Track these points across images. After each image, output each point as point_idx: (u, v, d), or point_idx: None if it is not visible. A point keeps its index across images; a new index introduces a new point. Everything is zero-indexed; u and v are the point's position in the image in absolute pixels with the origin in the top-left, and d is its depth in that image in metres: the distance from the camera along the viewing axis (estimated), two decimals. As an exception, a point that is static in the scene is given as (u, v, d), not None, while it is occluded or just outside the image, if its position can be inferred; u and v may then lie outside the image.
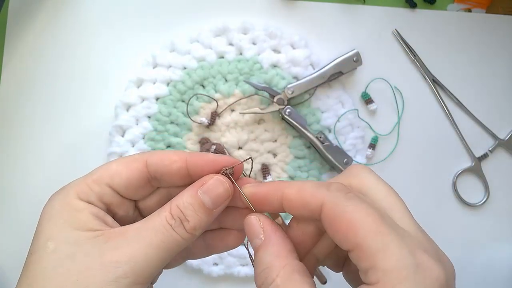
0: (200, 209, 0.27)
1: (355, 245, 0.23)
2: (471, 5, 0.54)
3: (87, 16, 0.53)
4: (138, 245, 0.26)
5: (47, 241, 0.26)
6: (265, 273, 0.25)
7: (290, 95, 0.49)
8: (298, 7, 0.53)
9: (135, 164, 0.28)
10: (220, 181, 0.28)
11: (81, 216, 0.27)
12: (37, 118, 0.52)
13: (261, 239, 0.26)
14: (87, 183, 0.28)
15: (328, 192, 0.25)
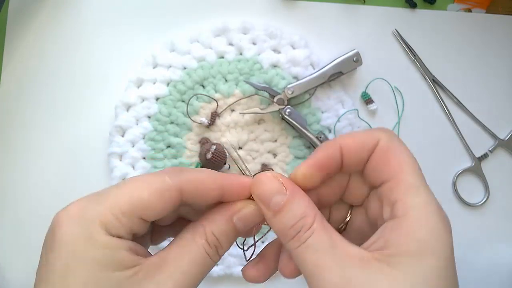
0: (234, 236, 0.28)
1: (395, 176, 0.25)
2: (471, 5, 0.54)
3: (87, 16, 0.53)
4: (181, 279, 0.25)
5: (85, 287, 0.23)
6: (301, 223, 0.25)
7: (290, 95, 0.49)
8: (298, 7, 0.53)
9: (169, 194, 0.26)
10: (256, 210, 0.28)
11: (116, 255, 0.24)
12: (37, 118, 0.52)
13: (286, 194, 0.26)
14: (116, 216, 0.25)
15: (383, 132, 0.27)
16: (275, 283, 0.52)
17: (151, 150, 0.50)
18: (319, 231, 0.24)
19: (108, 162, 0.51)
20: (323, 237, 0.24)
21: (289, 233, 0.25)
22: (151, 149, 0.50)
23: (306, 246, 0.24)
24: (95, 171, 0.52)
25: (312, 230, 0.24)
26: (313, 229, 0.24)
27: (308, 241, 0.24)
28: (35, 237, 0.51)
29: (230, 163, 0.50)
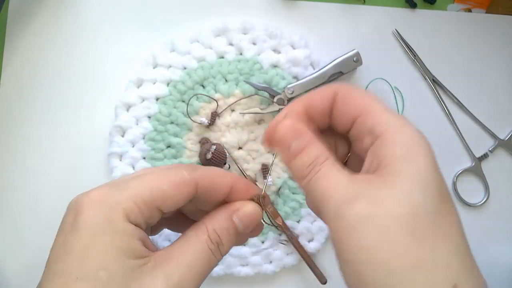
0: (234, 234, 0.29)
1: (363, 110, 0.27)
2: (471, 5, 0.54)
3: (87, 16, 0.53)
4: (187, 272, 0.27)
5: (99, 270, 0.24)
6: (315, 161, 0.27)
7: (290, 95, 0.49)
8: (298, 7, 0.53)
9: (186, 188, 0.28)
10: (255, 208, 0.30)
11: (132, 242, 0.26)
12: (37, 118, 0.52)
13: (304, 140, 0.27)
14: (138, 204, 0.26)
15: (340, 85, 0.29)
16: (275, 283, 0.52)
17: (151, 150, 0.50)
18: (329, 164, 0.26)
19: (108, 162, 0.51)
20: (332, 168, 0.26)
21: (305, 172, 0.27)
22: (151, 149, 0.50)
23: (317, 177, 0.26)
24: (95, 171, 0.52)
25: (324, 164, 0.26)
26: (324, 164, 0.26)
27: (319, 173, 0.26)
28: (35, 237, 0.52)
29: (230, 163, 0.50)
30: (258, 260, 0.50)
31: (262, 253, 0.50)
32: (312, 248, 0.50)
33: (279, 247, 0.51)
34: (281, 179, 0.51)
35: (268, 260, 0.51)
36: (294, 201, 0.51)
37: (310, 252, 0.50)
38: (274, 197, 0.51)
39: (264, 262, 0.50)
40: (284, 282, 0.52)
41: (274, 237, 0.51)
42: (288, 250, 0.51)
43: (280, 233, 0.51)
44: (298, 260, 0.51)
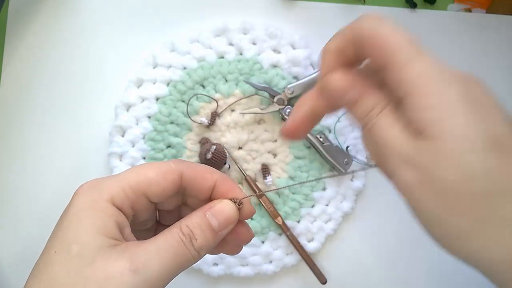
0: (207, 230, 0.29)
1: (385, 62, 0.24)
2: (471, 5, 0.54)
3: (87, 16, 0.53)
4: (153, 255, 0.27)
5: (72, 244, 0.26)
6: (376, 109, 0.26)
7: (290, 95, 0.49)
8: (298, 7, 0.53)
9: (171, 175, 0.29)
10: (229, 205, 0.30)
11: (108, 222, 0.27)
12: (37, 118, 0.52)
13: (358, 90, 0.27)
14: (124, 189, 0.28)
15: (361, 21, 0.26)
16: (275, 283, 0.52)
17: (151, 150, 0.50)
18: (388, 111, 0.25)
19: (108, 162, 0.51)
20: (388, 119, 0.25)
21: (364, 120, 0.26)
22: (151, 149, 0.50)
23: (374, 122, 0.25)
24: (95, 171, 0.52)
25: (384, 112, 0.25)
26: (382, 115, 0.25)
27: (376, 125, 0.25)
28: (35, 237, 0.52)
29: (230, 163, 0.50)
30: (258, 260, 0.50)
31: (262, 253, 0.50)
32: (312, 248, 0.50)
33: (278, 246, 0.51)
34: (281, 179, 0.51)
35: (268, 260, 0.51)
36: (294, 201, 0.51)
37: (310, 252, 0.50)
38: (274, 197, 0.51)
39: (264, 262, 0.50)
40: (284, 282, 0.52)
41: (273, 238, 0.51)
42: (288, 250, 0.51)
43: (280, 233, 0.51)
44: (298, 260, 0.51)
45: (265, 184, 0.50)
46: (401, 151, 0.24)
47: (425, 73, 0.24)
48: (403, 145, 0.24)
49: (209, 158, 0.48)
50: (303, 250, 0.50)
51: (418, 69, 0.24)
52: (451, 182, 0.22)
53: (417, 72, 0.24)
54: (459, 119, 0.22)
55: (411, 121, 0.24)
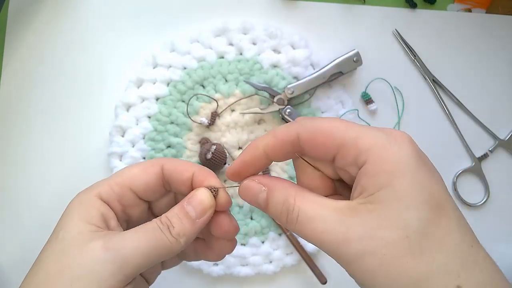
0: (184, 218, 0.30)
1: (337, 146, 0.26)
2: (471, 5, 0.54)
3: (87, 16, 0.53)
4: (129, 238, 0.28)
5: (60, 231, 0.29)
6: (284, 207, 0.28)
7: (290, 95, 0.49)
8: (298, 7, 0.53)
9: (152, 168, 0.32)
10: (204, 193, 0.31)
11: (92, 211, 0.30)
12: (37, 118, 0.52)
13: (265, 190, 0.29)
14: (110, 185, 0.31)
15: (298, 124, 0.28)
16: (275, 283, 0.52)
17: (151, 150, 0.50)
18: (303, 206, 0.27)
19: (108, 162, 0.51)
20: (308, 209, 0.27)
21: (282, 219, 0.28)
22: (151, 149, 0.50)
23: (299, 224, 0.27)
24: (95, 171, 0.52)
25: (297, 208, 0.27)
26: (298, 207, 0.27)
27: (299, 219, 0.27)
28: (36, 238, 0.52)
29: (230, 163, 0.50)
30: (258, 260, 0.50)
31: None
32: (312, 248, 0.50)
33: (278, 246, 0.51)
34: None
35: (268, 260, 0.51)
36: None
37: (310, 252, 0.50)
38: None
39: (264, 262, 0.50)
40: (284, 282, 0.52)
41: (273, 238, 0.51)
42: (288, 250, 0.51)
43: (280, 233, 0.51)
44: (298, 260, 0.51)
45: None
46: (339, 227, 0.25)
47: (376, 142, 0.25)
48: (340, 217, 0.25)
49: (209, 158, 0.48)
50: (303, 250, 0.50)
51: (369, 140, 0.26)
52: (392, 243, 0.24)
53: (369, 143, 0.25)
54: (405, 182, 0.24)
55: (364, 189, 0.25)
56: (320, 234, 0.26)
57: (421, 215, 0.24)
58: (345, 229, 0.25)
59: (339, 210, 0.26)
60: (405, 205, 0.24)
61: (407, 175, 0.24)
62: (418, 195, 0.24)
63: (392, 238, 0.24)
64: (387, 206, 0.24)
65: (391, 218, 0.24)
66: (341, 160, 0.27)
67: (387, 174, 0.24)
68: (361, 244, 0.24)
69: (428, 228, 0.24)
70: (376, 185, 0.25)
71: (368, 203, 0.25)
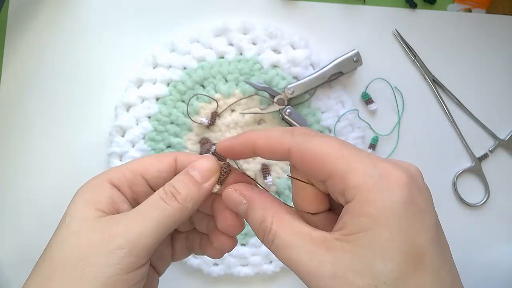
0: (190, 182, 0.30)
1: (327, 174, 0.26)
2: (471, 5, 0.54)
3: (87, 16, 0.53)
4: (133, 219, 0.28)
5: (67, 216, 0.29)
6: (262, 226, 0.28)
7: (290, 95, 0.49)
8: (298, 7, 0.53)
9: (166, 159, 0.32)
10: (207, 157, 0.31)
11: (99, 196, 0.29)
12: (37, 118, 0.52)
13: (245, 203, 0.29)
14: (122, 171, 0.31)
15: (292, 137, 0.28)
16: (275, 283, 0.52)
17: (151, 150, 0.50)
18: (280, 230, 0.27)
19: (108, 162, 0.51)
20: (284, 235, 0.26)
21: (259, 236, 0.28)
22: (151, 149, 0.50)
23: (274, 247, 0.27)
24: (95, 171, 0.51)
25: (273, 232, 0.27)
26: (274, 231, 0.27)
27: (274, 242, 0.27)
28: (36, 238, 0.52)
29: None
30: (258, 260, 0.50)
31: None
32: (312, 248, 0.50)
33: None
34: (281, 179, 0.51)
35: (268, 260, 0.51)
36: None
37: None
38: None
39: (264, 262, 0.50)
40: (284, 282, 0.52)
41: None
42: (288, 250, 0.51)
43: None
44: (298, 260, 0.51)
45: (265, 185, 0.50)
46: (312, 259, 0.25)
47: (366, 181, 0.24)
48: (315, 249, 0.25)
49: (209, 158, 0.48)
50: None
51: (358, 178, 0.24)
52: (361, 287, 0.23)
53: (358, 181, 0.24)
54: (387, 230, 0.23)
55: (345, 225, 0.25)
56: (293, 262, 0.26)
57: (395, 267, 0.23)
58: (317, 263, 0.25)
59: (314, 241, 0.25)
60: (381, 254, 0.23)
61: (390, 223, 0.23)
62: (397, 245, 0.23)
63: (361, 284, 0.23)
64: (363, 251, 0.24)
65: (364, 264, 0.23)
66: (330, 187, 0.26)
67: (370, 219, 0.24)
68: (332, 282, 0.24)
69: (399, 281, 0.23)
70: (357, 226, 0.24)
71: (345, 242, 0.24)
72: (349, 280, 0.23)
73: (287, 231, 0.27)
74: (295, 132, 0.28)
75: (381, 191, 0.24)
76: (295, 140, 0.27)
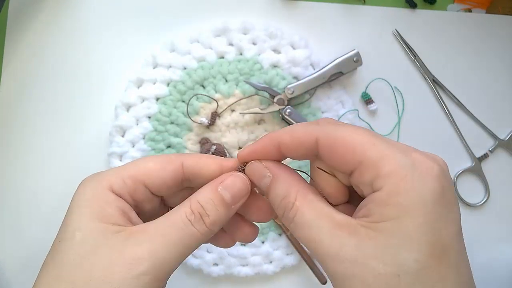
0: (220, 204, 0.28)
1: (357, 163, 0.25)
2: (471, 5, 0.54)
3: (87, 16, 0.53)
4: (158, 241, 0.26)
5: (75, 231, 0.26)
6: (284, 202, 0.27)
7: (290, 95, 0.49)
8: (298, 7, 0.53)
9: (171, 166, 0.29)
10: (240, 177, 0.29)
11: (109, 209, 0.27)
12: (37, 118, 0.52)
13: (269, 176, 0.28)
14: (123, 177, 0.29)
15: (319, 127, 0.27)
16: (275, 283, 0.52)
17: (151, 150, 0.50)
18: (303, 208, 0.26)
19: (108, 162, 0.51)
20: (307, 213, 0.26)
21: (279, 212, 0.27)
22: (151, 149, 0.50)
23: (294, 224, 0.26)
24: (95, 171, 0.51)
25: (296, 208, 0.26)
26: (296, 207, 0.26)
27: (295, 220, 0.26)
28: (36, 238, 0.52)
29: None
30: (258, 260, 0.50)
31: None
32: (312, 248, 0.50)
33: (278, 247, 0.51)
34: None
35: (268, 260, 0.51)
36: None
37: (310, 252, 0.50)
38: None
39: (264, 262, 0.50)
40: (284, 282, 0.52)
41: (273, 238, 0.51)
42: (288, 250, 0.51)
43: (280, 233, 0.51)
44: (298, 260, 0.51)
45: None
46: (333, 242, 0.24)
47: (398, 171, 0.24)
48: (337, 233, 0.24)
49: (209, 158, 0.48)
50: (303, 250, 0.50)
51: (391, 166, 0.24)
52: (382, 276, 0.23)
53: (390, 170, 0.24)
54: (416, 220, 0.23)
55: (371, 213, 0.24)
56: (313, 242, 0.25)
57: (420, 257, 0.23)
58: (338, 245, 0.24)
59: (337, 224, 0.25)
60: (407, 243, 0.23)
61: (419, 214, 0.23)
62: (424, 237, 0.23)
63: (383, 272, 0.23)
64: (388, 240, 0.23)
65: (388, 252, 0.23)
66: (357, 177, 0.25)
67: (399, 208, 0.23)
68: (352, 267, 0.23)
69: (422, 272, 0.23)
70: (384, 215, 0.24)
71: (370, 229, 0.24)
72: (371, 266, 0.23)
73: (310, 209, 0.26)
74: (321, 122, 0.27)
75: (413, 181, 0.23)
76: (322, 129, 0.26)
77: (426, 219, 0.23)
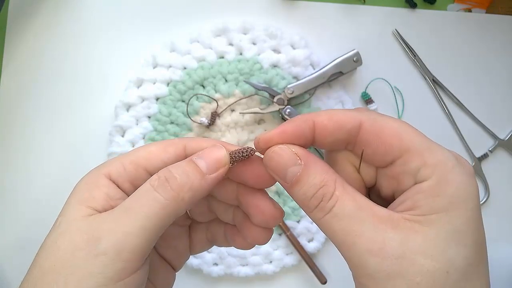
0: (192, 170, 0.25)
1: (403, 150, 0.24)
2: (471, 5, 0.54)
3: (87, 16, 0.53)
4: (120, 217, 0.24)
5: (59, 216, 0.26)
6: (321, 191, 0.24)
7: (290, 95, 0.49)
8: (298, 7, 0.53)
9: (172, 148, 0.28)
10: (218, 147, 0.27)
11: (95, 193, 0.26)
12: (37, 118, 0.52)
13: (300, 164, 0.25)
14: (124, 164, 0.27)
15: (362, 113, 0.26)
16: (275, 283, 0.52)
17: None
18: (343, 198, 0.24)
19: (108, 162, 0.51)
20: (348, 203, 0.24)
21: (311, 203, 0.25)
22: (151, 149, 0.50)
23: (332, 215, 0.24)
24: (95, 171, 0.52)
25: (336, 198, 0.24)
26: (336, 197, 0.24)
27: (334, 210, 0.24)
28: (35, 237, 0.52)
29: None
30: (258, 260, 0.50)
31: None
32: (312, 248, 0.50)
33: (278, 246, 0.51)
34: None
35: (268, 260, 0.51)
36: (294, 201, 0.50)
37: (310, 252, 0.50)
38: (274, 197, 0.51)
39: (264, 262, 0.50)
40: (284, 282, 0.52)
41: (273, 238, 0.51)
42: (288, 250, 0.51)
43: (280, 233, 0.51)
44: (298, 260, 0.51)
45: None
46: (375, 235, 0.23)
47: (446, 161, 0.23)
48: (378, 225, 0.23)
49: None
50: (303, 250, 0.50)
51: (438, 156, 0.24)
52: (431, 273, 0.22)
53: (438, 159, 0.24)
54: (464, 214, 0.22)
55: (416, 205, 0.23)
56: (352, 236, 0.23)
57: (468, 254, 0.22)
58: (382, 240, 0.22)
59: (379, 217, 0.23)
60: (456, 238, 0.22)
61: (468, 208, 0.22)
62: (471, 234, 0.22)
63: (431, 268, 0.21)
64: (437, 233, 0.22)
65: (436, 247, 0.22)
66: (400, 166, 0.24)
67: (449, 199, 0.22)
68: (398, 263, 0.22)
69: (468, 269, 0.22)
70: (432, 207, 0.22)
71: (416, 222, 0.22)
72: (419, 262, 0.21)
73: (351, 200, 0.24)
74: (361, 109, 0.26)
75: (461, 174, 0.23)
76: (367, 114, 0.25)
77: (473, 214, 0.22)
